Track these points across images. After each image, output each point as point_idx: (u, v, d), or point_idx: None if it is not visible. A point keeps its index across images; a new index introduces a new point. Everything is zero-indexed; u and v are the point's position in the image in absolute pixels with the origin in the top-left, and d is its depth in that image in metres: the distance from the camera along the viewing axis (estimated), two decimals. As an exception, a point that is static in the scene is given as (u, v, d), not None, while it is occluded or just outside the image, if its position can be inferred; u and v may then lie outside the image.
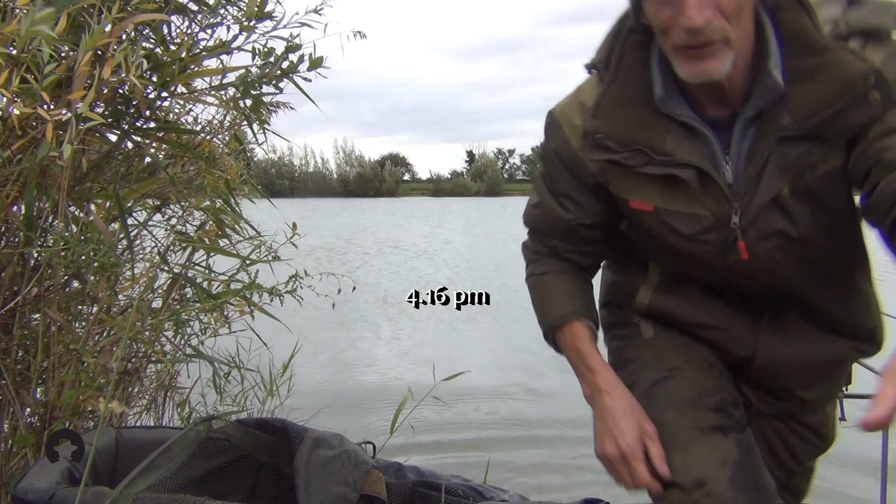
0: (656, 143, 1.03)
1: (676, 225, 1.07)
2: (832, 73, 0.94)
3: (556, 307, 1.18)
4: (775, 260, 1.05)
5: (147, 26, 1.71)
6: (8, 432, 1.73)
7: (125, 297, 2.11)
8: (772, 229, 1.03)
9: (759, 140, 1.00)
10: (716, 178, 1.02)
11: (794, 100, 0.97)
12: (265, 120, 2.06)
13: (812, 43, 0.96)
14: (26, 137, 1.48)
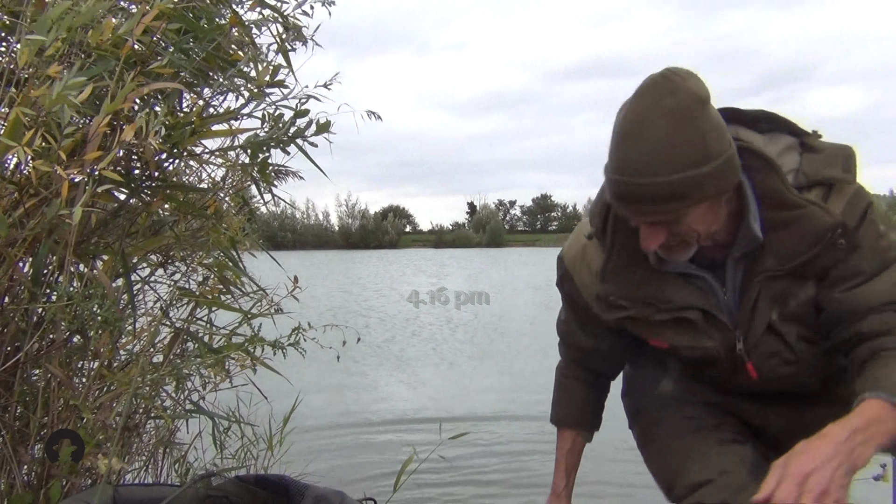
0: (658, 294, 1.22)
1: (690, 352, 1.27)
2: (806, 225, 1.14)
3: (561, 410, 1.47)
4: (780, 374, 1.25)
5: (160, 94, 1.77)
6: (4, 490, 1.70)
7: (126, 351, 2.11)
8: (771, 350, 1.23)
9: (750, 278, 1.19)
10: (716, 314, 1.21)
11: (775, 246, 1.16)
12: (271, 182, 2.11)
13: (784, 199, 1.15)
14: (39, 197, 1.52)
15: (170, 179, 2.01)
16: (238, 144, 1.94)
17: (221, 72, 1.91)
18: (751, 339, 1.21)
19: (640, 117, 1.04)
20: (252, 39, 2.00)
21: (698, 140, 1.02)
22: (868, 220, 1.17)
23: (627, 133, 1.05)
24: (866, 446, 1.02)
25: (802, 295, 1.19)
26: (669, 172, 1.02)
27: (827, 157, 1.17)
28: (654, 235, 1.10)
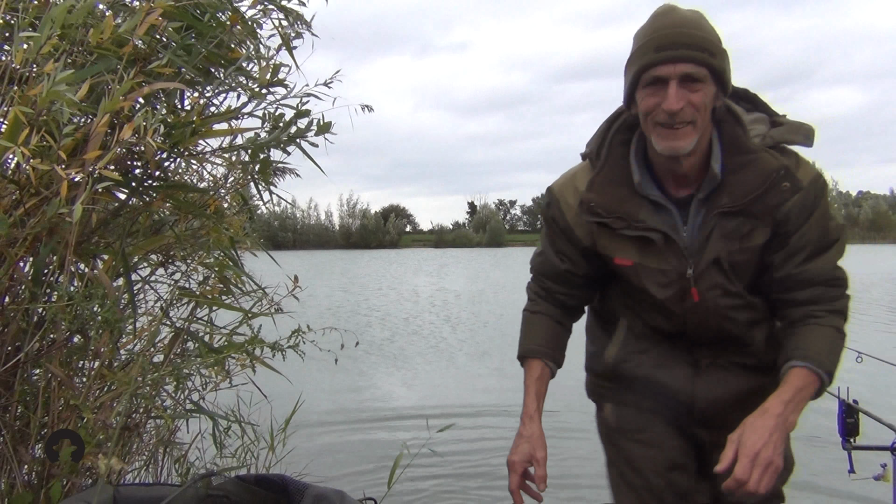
0: (633, 213, 1.38)
1: (648, 275, 1.41)
2: (756, 167, 1.32)
3: (530, 342, 1.54)
4: (718, 306, 1.41)
5: (161, 93, 1.77)
6: (5, 490, 1.70)
7: (127, 351, 2.11)
8: (713, 282, 1.38)
9: (707, 215, 1.35)
10: (676, 240, 1.37)
11: (731, 186, 1.33)
12: (271, 182, 2.10)
13: (742, 145, 1.34)
14: (39, 197, 1.52)
15: (170, 179, 2.01)
16: (239, 144, 1.93)
17: (223, 69, 1.90)
18: (699, 268, 1.37)
19: (670, 6, 1.30)
20: (255, 33, 2.00)
21: (716, 31, 1.29)
22: (822, 202, 1.35)
23: (662, 13, 1.29)
24: (796, 413, 1.28)
25: (751, 241, 1.35)
26: (703, 31, 1.27)
27: (790, 127, 1.36)
28: (680, 96, 1.26)
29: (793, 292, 1.37)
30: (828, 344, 1.33)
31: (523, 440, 1.42)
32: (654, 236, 1.37)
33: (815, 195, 1.33)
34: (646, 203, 1.38)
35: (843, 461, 2.32)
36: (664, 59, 1.25)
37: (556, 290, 1.55)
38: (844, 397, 2.28)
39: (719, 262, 1.36)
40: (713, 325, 1.43)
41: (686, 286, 1.39)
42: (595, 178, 1.42)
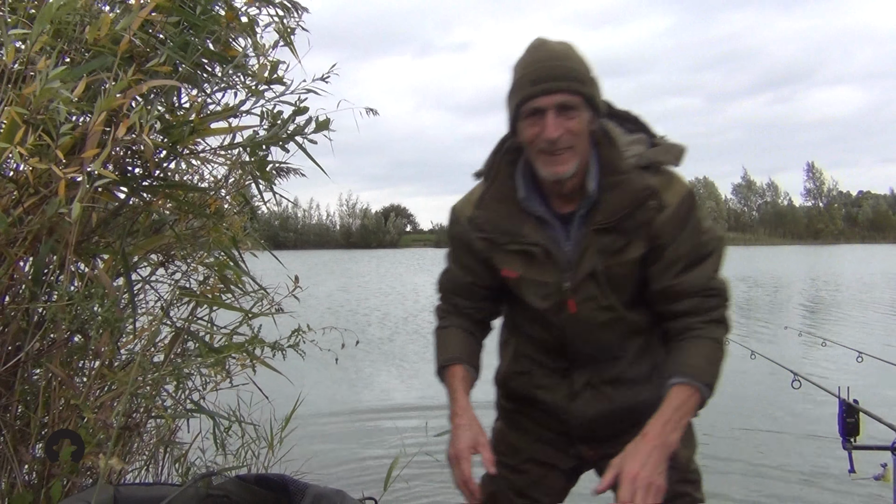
0: (517, 228, 1.47)
1: (530, 287, 1.50)
2: (626, 187, 1.40)
3: (446, 353, 1.58)
4: (593, 318, 1.48)
5: (158, 90, 1.76)
6: (5, 489, 1.70)
7: (127, 351, 2.11)
8: (588, 295, 1.46)
9: (585, 230, 1.44)
10: (555, 254, 1.45)
11: (604, 204, 1.41)
12: (271, 181, 2.10)
13: (615, 167, 1.42)
14: (38, 196, 1.51)
15: (170, 178, 2.01)
16: (238, 142, 1.93)
17: (220, 66, 1.90)
18: (575, 280, 1.45)
19: (542, 41, 1.39)
20: (252, 29, 2.00)
21: (585, 60, 1.38)
22: (694, 216, 1.43)
23: (535, 47, 1.38)
24: (676, 432, 1.34)
25: (626, 256, 1.43)
26: (574, 62, 1.36)
27: (663, 149, 1.45)
28: (557, 125, 1.34)
29: (671, 304, 1.45)
30: (705, 356, 1.40)
31: (463, 429, 1.45)
32: (534, 250, 1.46)
33: (685, 211, 1.41)
34: (531, 219, 1.47)
35: (844, 461, 2.32)
36: (540, 91, 1.34)
37: (463, 304, 1.63)
38: (845, 397, 2.28)
39: (595, 275, 1.45)
40: (589, 337, 1.52)
41: (564, 298, 1.47)
42: (484, 195, 1.52)
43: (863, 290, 17.14)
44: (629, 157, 1.42)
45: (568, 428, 1.58)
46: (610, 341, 1.52)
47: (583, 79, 1.36)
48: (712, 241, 1.45)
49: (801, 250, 53.40)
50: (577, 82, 1.35)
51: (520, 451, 1.65)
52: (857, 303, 13.93)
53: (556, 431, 1.61)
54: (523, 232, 1.47)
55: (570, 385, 1.57)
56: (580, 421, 1.56)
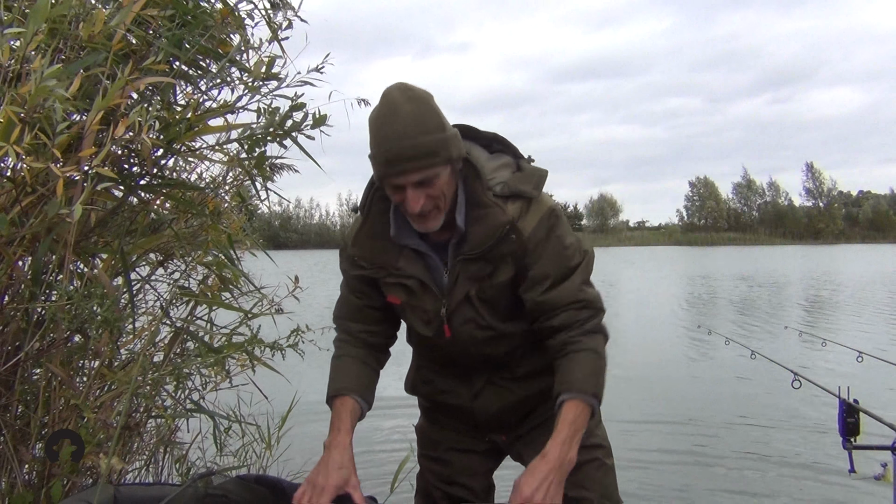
0: (392, 262, 1.54)
1: (413, 313, 1.59)
2: (490, 220, 1.47)
3: (336, 383, 1.63)
4: (474, 337, 1.57)
5: (154, 88, 1.76)
6: (6, 489, 1.70)
7: (127, 350, 2.11)
8: (466, 318, 1.54)
9: (455, 259, 1.50)
10: (430, 285, 1.53)
11: (471, 235, 1.48)
12: (269, 177, 2.10)
13: (480, 200, 1.47)
14: (35, 195, 1.51)
15: (168, 177, 2.01)
16: (235, 139, 1.93)
17: (216, 61, 1.90)
18: (451, 306, 1.53)
19: (391, 104, 1.36)
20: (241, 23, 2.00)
21: (437, 116, 1.38)
22: (554, 235, 1.50)
23: (384, 116, 1.36)
24: (573, 449, 1.42)
25: (496, 279, 1.51)
26: (423, 134, 1.34)
27: (525, 175, 1.51)
28: (417, 198, 1.38)
29: (545, 319, 1.52)
30: (588, 369, 1.48)
31: (335, 465, 1.49)
32: (409, 283, 1.54)
33: (544, 232, 1.48)
34: (406, 251, 1.53)
35: (844, 460, 2.32)
36: (394, 173, 1.37)
37: (357, 329, 1.66)
38: (845, 397, 2.28)
39: (470, 299, 1.52)
40: (474, 353, 1.59)
41: (441, 323, 1.56)
42: (358, 233, 1.57)
43: (863, 289, 17.14)
44: (495, 185, 1.48)
45: (476, 422, 1.69)
46: (496, 352, 1.60)
47: (435, 150, 1.36)
48: (576, 254, 1.52)
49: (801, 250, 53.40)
50: (429, 158, 1.36)
51: (439, 443, 1.77)
52: (857, 303, 13.92)
53: (468, 424, 1.71)
54: (398, 265, 1.53)
55: (470, 387, 1.66)
56: (485, 416, 1.67)
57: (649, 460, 4.18)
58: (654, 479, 3.88)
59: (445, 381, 1.71)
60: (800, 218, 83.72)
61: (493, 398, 1.66)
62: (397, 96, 1.36)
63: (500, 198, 1.48)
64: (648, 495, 3.62)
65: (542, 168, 1.54)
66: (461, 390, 1.68)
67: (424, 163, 1.36)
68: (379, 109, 1.38)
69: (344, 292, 1.69)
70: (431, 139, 1.35)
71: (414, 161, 1.35)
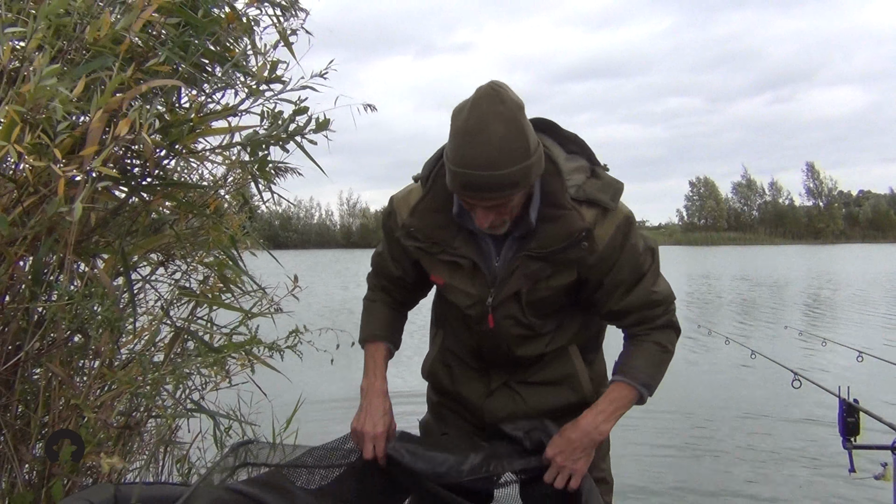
0: (449, 239, 1.51)
1: (457, 295, 1.57)
2: (565, 223, 1.43)
3: (371, 327, 1.69)
4: (510, 333, 1.56)
5: (159, 90, 1.76)
6: (6, 489, 1.70)
7: (127, 350, 2.11)
8: (509, 313, 1.53)
9: (516, 253, 1.48)
10: (483, 269, 1.51)
11: (541, 234, 1.45)
12: (271, 180, 2.10)
13: (558, 201, 1.43)
14: (38, 195, 1.51)
15: (170, 177, 2.01)
16: (237, 141, 1.93)
17: (220, 65, 1.90)
18: (498, 298, 1.51)
19: (480, 120, 1.28)
20: (251, 29, 2.00)
21: (524, 139, 1.30)
22: (629, 244, 1.48)
23: (471, 132, 1.28)
24: (608, 423, 1.49)
25: (553, 282, 1.49)
26: (508, 165, 1.29)
27: (604, 185, 1.47)
28: (486, 216, 1.38)
29: (619, 321, 1.56)
30: (646, 359, 1.52)
31: (379, 413, 1.56)
32: (463, 262, 1.51)
33: (620, 241, 1.47)
34: (463, 231, 1.51)
35: (844, 460, 2.32)
36: (470, 196, 1.35)
37: (390, 288, 1.72)
38: (845, 396, 2.28)
39: (519, 295, 1.51)
40: (504, 346, 1.59)
41: (485, 311, 1.54)
42: (418, 204, 1.54)
43: (863, 289, 17.14)
44: (570, 187, 1.45)
45: (483, 424, 1.69)
46: (525, 352, 1.60)
47: (516, 181, 1.32)
48: (646, 257, 1.52)
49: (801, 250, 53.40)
50: (509, 189, 1.32)
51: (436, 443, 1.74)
52: (857, 302, 13.92)
53: (473, 424, 1.71)
54: (454, 244, 1.51)
55: (487, 384, 1.67)
56: (492, 419, 1.66)
57: (648, 459, 4.19)
58: (653, 477, 3.88)
59: (464, 371, 1.70)
60: (800, 218, 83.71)
61: (505, 402, 1.65)
62: (488, 111, 1.28)
63: (576, 201, 1.44)
64: (649, 493, 3.62)
65: (618, 180, 1.51)
66: (477, 385, 1.68)
67: (503, 193, 1.32)
68: (466, 121, 1.29)
69: (384, 252, 1.69)
70: (515, 171, 1.30)
71: (493, 192, 1.31)
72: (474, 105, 1.29)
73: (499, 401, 1.65)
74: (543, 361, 1.63)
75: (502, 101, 1.29)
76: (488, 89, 1.31)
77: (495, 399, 1.66)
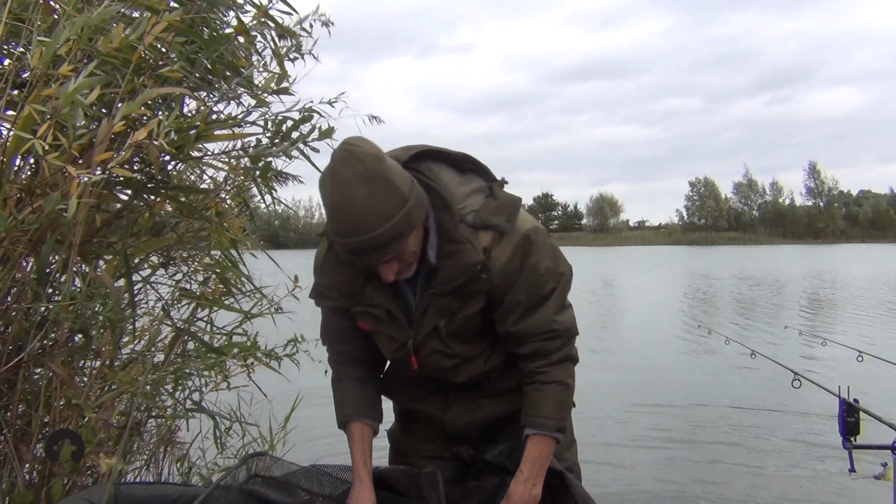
0: (359, 291, 1.49)
1: (381, 340, 1.57)
2: (462, 257, 1.42)
3: (343, 409, 1.63)
4: (441, 366, 1.56)
5: (167, 97, 1.77)
6: (6, 489, 1.71)
7: (128, 350, 2.11)
8: (433, 349, 1.53)
9: (424, 292, 1.48)
10: (398, 315, 1.51)
11: (442, 270, 1.44)
12: (272, 187, 2.11)
13: (452, 235, 1.43)
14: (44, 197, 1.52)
15: (172, 181, 2.01)
16: (240, 149, 1.94)
17: (225, 80, 1.91)
18: (419, 339, 1.52)
19: (344, 190, 1.26)
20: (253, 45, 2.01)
21: (393, 189, 1.28)
22: (529, 263, 1.45)
23: (339, 204, 1.27)
24: (537, 486, 1.49)
25: (465, 311, 1.48)
26: (385, 221, 1.27)
27: (499, 206, 1.45)
28: (390, 269, 1.37)
29: (515, 347, 1.53)
30: (553, 403, 1.51)
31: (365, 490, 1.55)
32: (376, 312, 1.50)
33: (519, 261, 1.45)
34: (372, 279, 1.46)
35: (844, 460, 2.33)
36: (361, 260, 1.35)
37: (347, 350, 1.65)
38: (845, 396, 2.28)
39: (438, 331, 1.50)
40: (442, 376, 1.60)
41: (408, 353, 1.54)
42: (324, 262, 1.53)
43: (863, 289, 17.15)
44: (467, 214, 1.43)
45: (445, 432, 1.69)
46: (464, 377, 1.59)
47: (401, 232, 1.30)
48: (551, 280, 1.49)
49: (801, 249, 53.45)
50: (395, 242, 1.31)
51: (409, 449, 1.77)
52: (857, 302, 13.93)
53: (437, 433, 1.71)
54: (366, 293, 1.49)
55: (444, 398, 1.67)
56: (452, 428, 1.67)
57: (646, 459, 4.19)
58: (653, 476, 3.88)
59: (419, 391, 1.70)
60: (800, 217, 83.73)
61: (464, 412, 1.66)
62: (350, 177, 1.25)
63: (472, 228, 1.43)
64: (647, 491, 3.62)
65: (515, 196, 1.49)
66: (434, 399, 1.68)
67: (392, 248, 1.31)
68: (331, 195, 1.27)
69: (325, 315, 1.65)
70: (394, 223, 1.28)
71: (381, 250, 1.30)
72: (333, 175, 1.27)
73: (457, 412, 1.66)
74: (491, 378, 1.62)
75: (360, 161, 1.26)
76: (342, 153, 1.28)
77: (454, 410, 1.66)
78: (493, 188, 1.49)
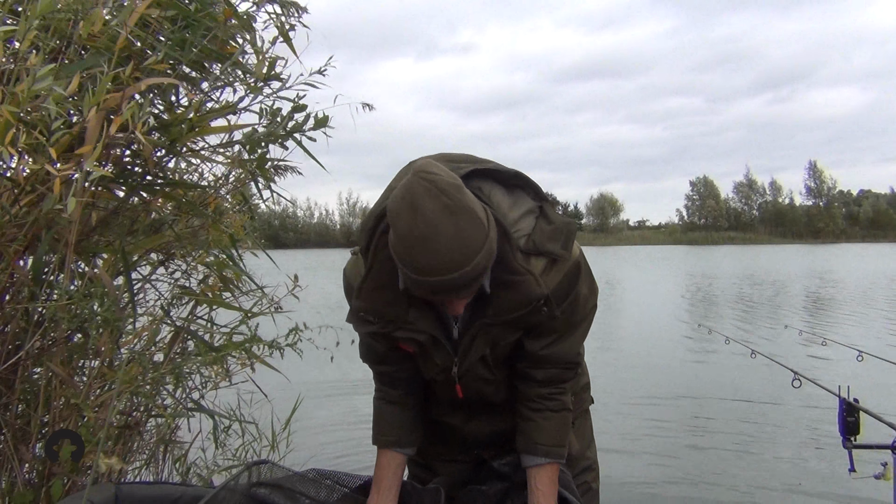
0: (401, 315, 1.41)
1: (425, 363, 1.53)
2: (522, 289, 1.35)
3: (379, 431, 1.62)
4: (481, 392, 1.57)
5: (157, 89, 1.76)
6: (6, 488, 1.70)
7: (127, 350, 2.11)
8: (479, 376, 1.52)
9: (473, 321, 1.42)
10: (443, 342, 1.45)
11: (496, 300, 1.37)
12: (270, 178, 2.10)
13: (510, 266, 1.34)
14: (35, 193, 1.51)
15: (169, 177, 2.01)
16: (236, 140, 1.93)
17: (218, 63, 1.90)
18: (464, 366, 1.48)
19: (428, 224, 1.15)
20: (250, 26, 2.00)
21: (477, 222, 1.20)
22: (574, 291, 1.42)
23: (422, 238, 1.16)
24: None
25: (510, 337, 1.45)
26: (470, 259, 1.19)
27: (554, 231, 1.38)
28: (462, 303, 1.33)
29: (533, 368, 1.50)
30: (559, 430, 1.52)
31: None
32: (420, 337, 1.44)
33: (565, 288, 1.40)
34: (415, 302, 1.39)
35: (844, 460, 2.32)
36: (442, 300, 1.30)
37: (387, 371, 1.59)
38: (845, 396, 2.28)
39: (485, 359, 1.48)
40: (476, 396, 1.59)
41: (452, 381, 1.52)
42: (363, 284, 1.41)
43: (863, 288, 17.14)
44: (519, 238, 1.36)
45: (466, 442, 1.70)
46: (500, 397, 1.60)
47: (483, 268, 1.22)
48: (586, 307, 1.48)
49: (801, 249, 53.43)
50: (477, 282, 1.24)
51: (426, 451, 1.74)
52: (857, 302, 13.92)
53: (457, 440, 1.71)
54: (408, 318, 1.41)
55: (466, 412, 1.66)
56: (473, 438, 1.68)
57: (645, 459, 4.19)
58: (652, 475, 3.88)
59: (447, 408, 1.67)
60: (800, 217, 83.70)
61: (485, 425, 1.66)
62: (433, 210, 1.15)
63: (524, 254, 1.35)
64: (647, 490, 3.62)
65: (570, 219, 1.42)
66: (456, 414, 1.67)
67: (475, 286, 1.26)
68: (412, 228, 1.16)
69: (363, 337, 1.57)
70: (480, 260, 1.20)
71: (465, 289, 1.23)
72: (414, 207, 1.16)
73: (478, 424, 1.66)
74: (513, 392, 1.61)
75: (443, 192, 1.16)
76: (422, 183, 1.17)
77: (475, 422, 1.66)
78: (544, 208, 1.42)
